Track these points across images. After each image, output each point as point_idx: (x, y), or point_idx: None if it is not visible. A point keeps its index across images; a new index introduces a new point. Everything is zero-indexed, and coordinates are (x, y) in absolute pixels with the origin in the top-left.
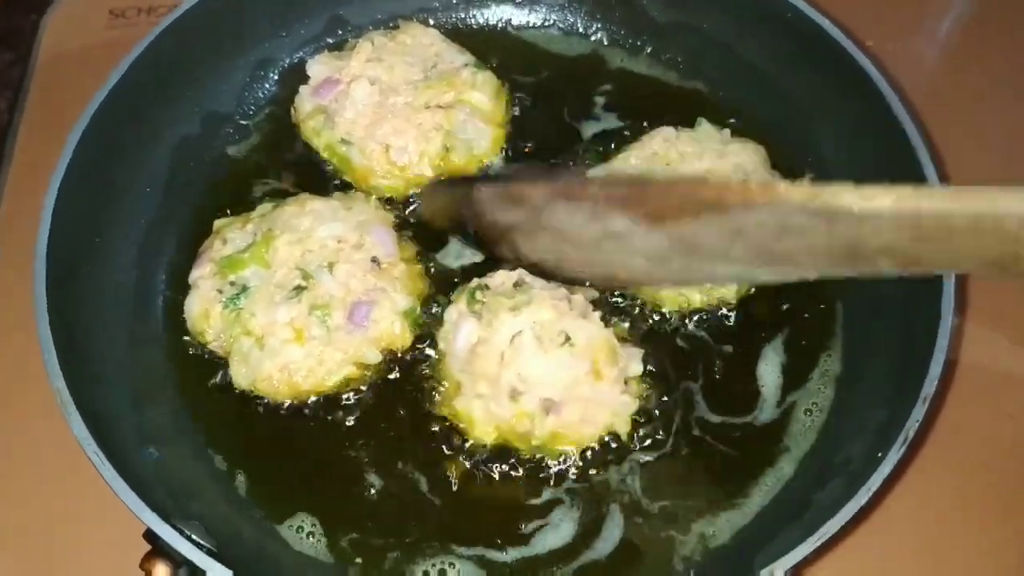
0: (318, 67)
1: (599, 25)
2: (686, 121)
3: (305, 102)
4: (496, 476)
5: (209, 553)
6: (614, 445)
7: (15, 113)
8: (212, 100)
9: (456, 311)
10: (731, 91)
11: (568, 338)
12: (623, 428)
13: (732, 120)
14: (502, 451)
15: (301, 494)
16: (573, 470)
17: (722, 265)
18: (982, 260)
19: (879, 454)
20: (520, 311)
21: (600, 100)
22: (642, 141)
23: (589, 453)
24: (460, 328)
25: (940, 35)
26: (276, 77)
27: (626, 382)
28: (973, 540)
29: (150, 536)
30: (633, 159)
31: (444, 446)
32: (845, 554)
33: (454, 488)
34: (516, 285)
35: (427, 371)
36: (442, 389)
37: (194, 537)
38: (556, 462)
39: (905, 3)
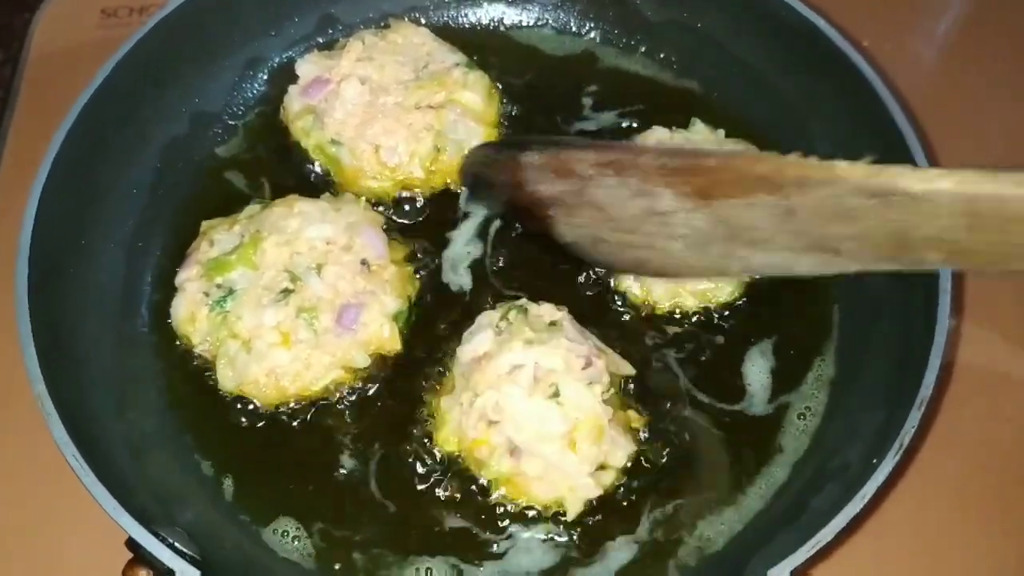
0: (308, 66)
1: (592, 24)
2: (680, 121)
3: (294, 102)
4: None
5: (192, 561)
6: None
7: (5, 112)
8: (201, 99)
9: (487, 318)
10: (725, 90)
11: (557, 393)
12: (573, 509)
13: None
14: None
15: (287, 499)
16: None
17: (762, 253)
18: None
19: (875, 460)
20: (532, 346)
21: (592, 100)
22: (635, 141)
23: None
24: (477, 335)
25: (937, 35)
26: (266, 77)
27: (603, 467)
28: (971, 543)
29: (132, 544)
30: None
31: (425, 457)
32: (841, 559)
33: (440, 497)
34: (552, 323)
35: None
36: (443, 379)
37: (176, 545)
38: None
39: (901, 3)
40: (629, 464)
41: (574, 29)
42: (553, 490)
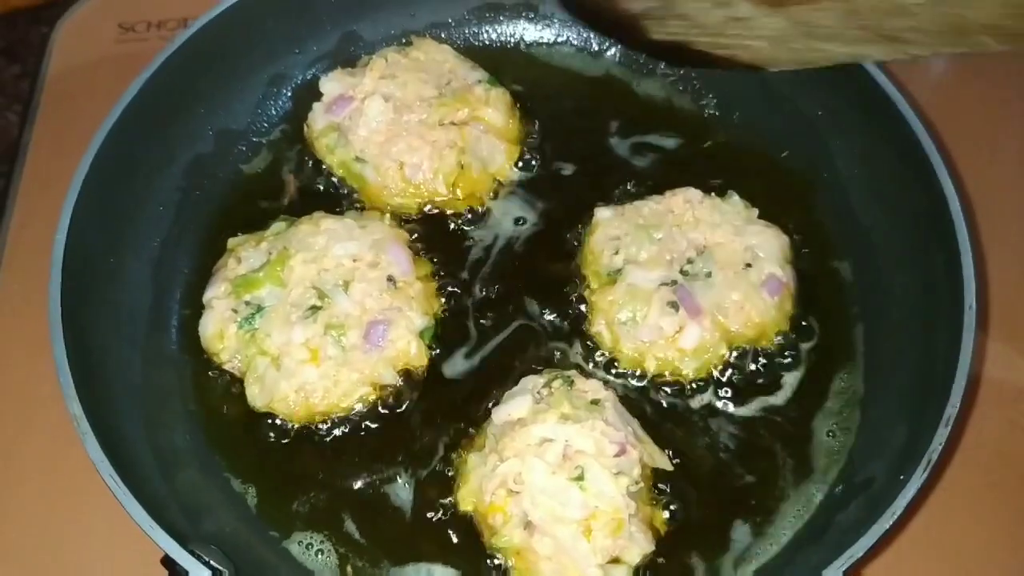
0: (331, 84)
1: (612, 41)
2: (697, 137)
3: (318, 119)
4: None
5: None
6: None
7: (25, 126)
8: (225, 117)
9: (531, 382)
10: (743, 107)
11: (582, 477)
12: None
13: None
14: None
15: (314, 514)
16: None
17: (837, 44)
18: None
19: (902, 476)
20: (567, 423)
21: (613, 119)
22: (664, 196)
23: None
24: (516, 398)
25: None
26: (289, 94)
27: (616, 561)
28: (996, 557)
29: (168, 562)
30: (647, 209)
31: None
32: (867, 574)
33: (460, 514)
34: (594, 402)
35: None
36: (475, 430)
37: (212, 562)
38: None
39: None
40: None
41: (595, 47)
42: (560, 573)
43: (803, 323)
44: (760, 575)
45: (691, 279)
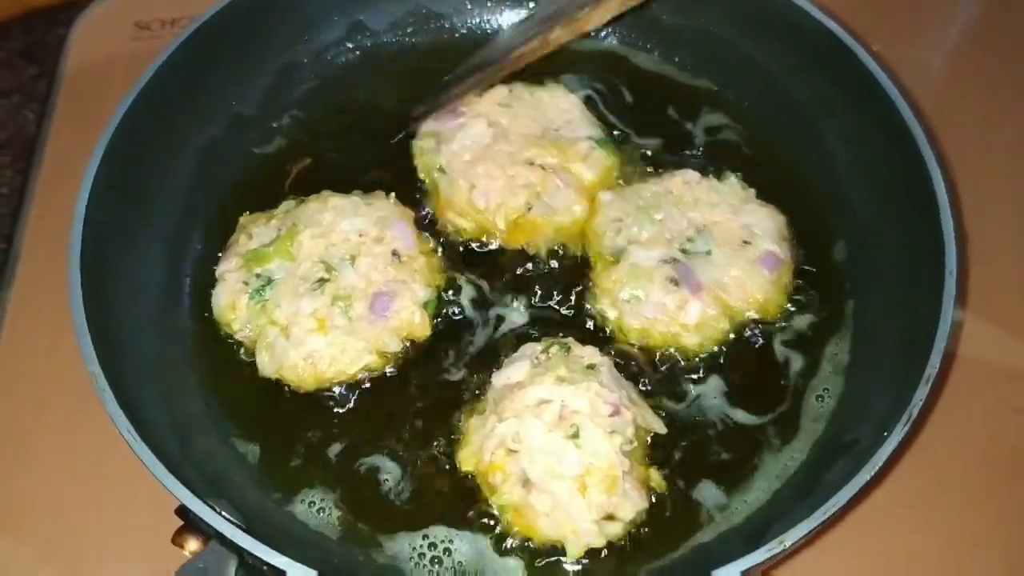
0: None
1: (609, 28)
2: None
3: (426, 122)
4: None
5: (239, 528)
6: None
7: (43, 124)
8: (237, 103)
9: (529, 349)
10: (739, 90)
11: (577, 435)
12: (574, 551)
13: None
14: None
15: (320, 476)
16: None
17: None
18: None
19: (884, 433)
20: (563, 384)
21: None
22: (663, 178)
23: None
24: (515, 363)
25: (946, 40)
26: (299, 80)
27: (611, 517)
28: (978, 533)
29: (182, 511)
30: (647, 191)
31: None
32: (850, 548)
33: (460, 476)
34: (590, 367)
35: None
36: (477, 394)
37: (224, 514)
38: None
39: (911, 9)
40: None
41: (592, 33)
42: (557, 529)
43: (800, 298)
44: (748, 529)
45: (691, 257)
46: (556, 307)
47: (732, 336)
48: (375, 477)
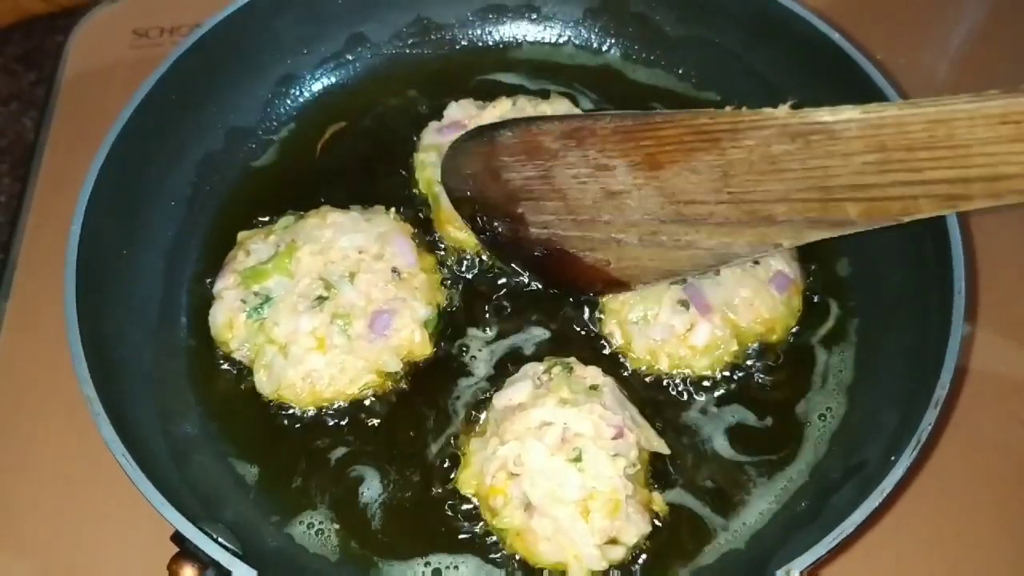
0: (455, 109)
1: (613, 40)
2: None
3: (428, 135)
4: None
5: (235, 555)
6: None
7: (41, 131)
8: (235, 115)
9: (531, 368)
10: (744, 102)
11: (580, 458)
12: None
13: None
14: None
15: (318, 498)
16: None
17: (706, 232)
18: (940, 191)
19: (892, 457)
20: (565, 406)
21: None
22: None
23: None
24: (516, 383)
25: (950, 49)
26: (298, 93)
27: (614, 542)
28: (988, 545)
29: (177, 538)
30: None
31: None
32: (860, 561)
33: (462, 498)
34: (592, 387)
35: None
36: (478, 415)
37: (220, 540)
38: None
39: (915, 17)
40: (642, 544)
41: (595, 46)
42: (559, 553)
43: (809, 318)
44: (751, 552)
45: (700, 278)
46: (561, 326)
47: (739, 357)
48: (375, 499)
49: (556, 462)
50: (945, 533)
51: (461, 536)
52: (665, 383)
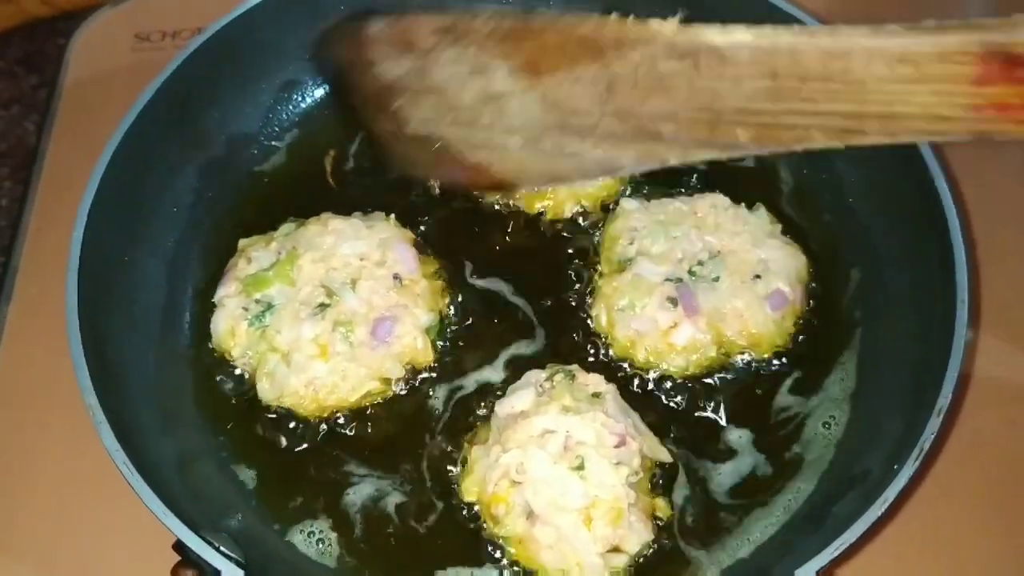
0: None
1: None
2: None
3: None
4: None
5: (238, 564)
6: None
7: (43, 135)
8: (238, 122)
9: (534, 376)
10: None
11: (582, 467)
12: None
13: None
14: None
15: (320, 506)
16: None
17: (591, 144)
18: (834, 124)
19: (895, 466)
20: (568, 414)
21: None
22: (693, 198)
23: None
24: (519, 391)
25: None
26: (300, 99)
27: (616, 550)
28: (991, 552)
29: (179, 547)
30: (672, 207)
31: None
32: (863, 569)
33: (464, 506)
34: (595, 395)
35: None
36: (481, 423)
37: (222, 548)
38: None
39: (916, 13)
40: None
41: None
42: (561, 561)
43: (800, 338)
44: (755, 562)
45: (697, 280)
46: (561, 332)
47: (723, 363)
48: (377, 506)
49: (558, 470)
50: (949, 541)
51: (463, 544)
52: (668, 386)
